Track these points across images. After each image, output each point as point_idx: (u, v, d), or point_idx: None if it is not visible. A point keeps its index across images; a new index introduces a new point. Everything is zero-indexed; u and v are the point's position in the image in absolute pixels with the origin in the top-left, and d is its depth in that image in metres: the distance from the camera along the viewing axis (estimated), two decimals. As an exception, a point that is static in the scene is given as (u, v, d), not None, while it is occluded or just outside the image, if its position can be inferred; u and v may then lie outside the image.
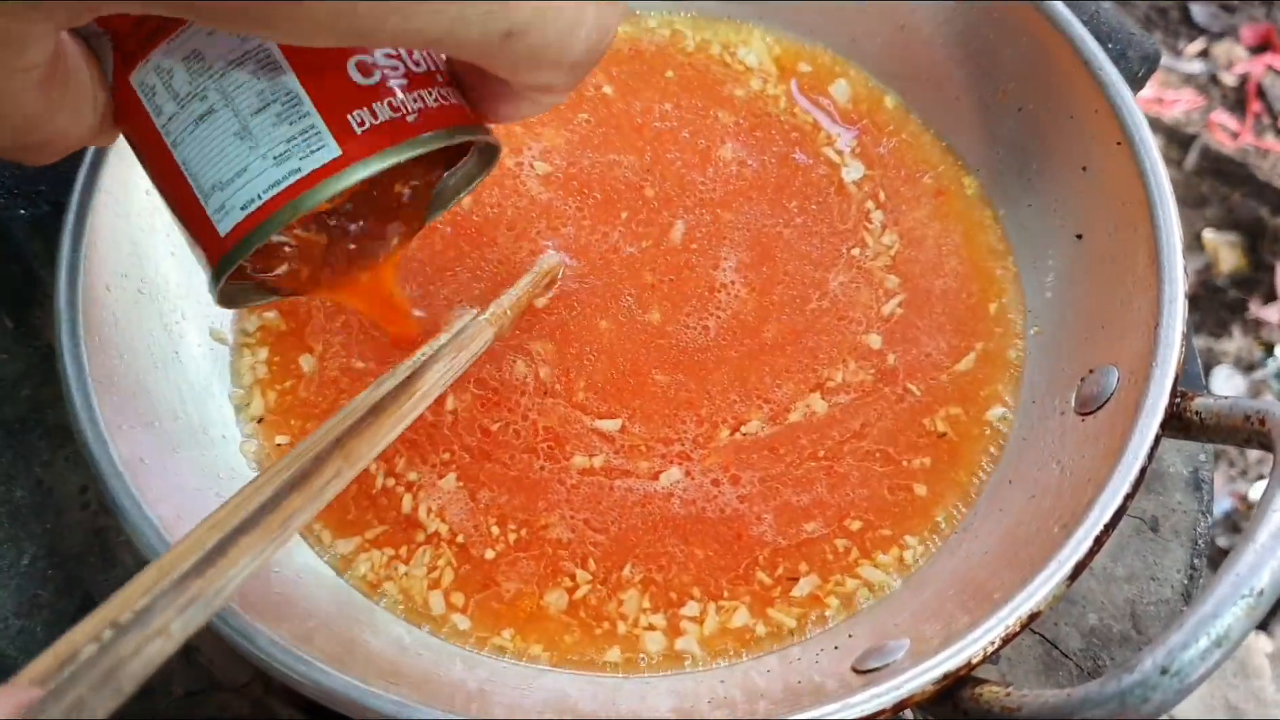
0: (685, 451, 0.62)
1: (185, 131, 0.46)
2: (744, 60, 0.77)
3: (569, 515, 0.60)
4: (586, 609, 0.59)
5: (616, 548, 0.60)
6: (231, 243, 0.46)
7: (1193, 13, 1.86)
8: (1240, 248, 1.64)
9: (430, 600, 0.59)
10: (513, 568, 0.59)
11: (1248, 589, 0.42)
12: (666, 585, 0.59)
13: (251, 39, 0.45)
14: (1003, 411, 0.64)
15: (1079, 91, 0.64)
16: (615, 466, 0.62)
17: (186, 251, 0.61)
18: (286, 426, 0.64)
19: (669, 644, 0.58)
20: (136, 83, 0.45)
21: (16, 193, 0.70)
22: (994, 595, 0.50)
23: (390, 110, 0.48)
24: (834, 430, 0.63)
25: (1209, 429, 0.53)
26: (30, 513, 0.67)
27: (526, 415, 0.63)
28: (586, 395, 0.64)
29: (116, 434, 0.54)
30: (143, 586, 0.38)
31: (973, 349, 0.66)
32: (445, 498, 0.61)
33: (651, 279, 0.67)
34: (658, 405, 0.63)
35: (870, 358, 0.66)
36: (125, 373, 0.58)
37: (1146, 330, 0.56)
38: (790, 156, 0.73)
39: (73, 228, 0.59)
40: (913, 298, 0.68)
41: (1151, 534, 0.69)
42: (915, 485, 0.62)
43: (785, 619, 0.58)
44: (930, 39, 0.72)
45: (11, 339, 0.73)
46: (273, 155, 0.46)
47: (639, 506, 0.61)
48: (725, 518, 0.60)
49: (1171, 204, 0.59)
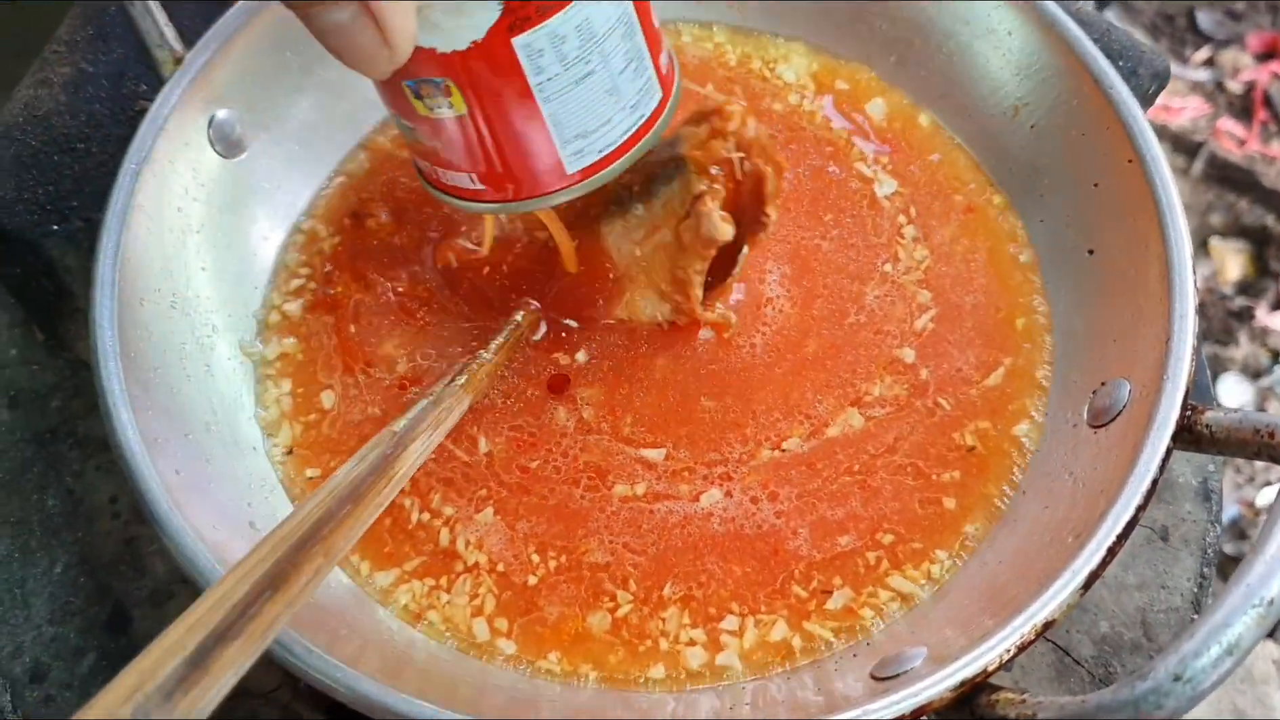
0: (727, 472, 0.63)
1: (563, 90, 0.52)
2: (782, 75, 0.78)
3: (609, 540, 0.61)
4: (629, 628, 0.59)
5: (656, 567, 0.60)
6: (581, 178, 0.56)
7: (1199, 20, 1.86)
8: (1247, 255, 1.65)
9: (474, 627, 0.59)
10: (554, 592, 0.60)
11: (1258, 599, 0.43)
12: (706, 601, 0.59)
13: (625, 2, 0.52)
14: (1028, 427, 0.64)
15: (1090, 109, 0.66)
16: (657, 491, 0.62)
17: (217, 265, 0.65)
18: (317, 461, 0.64)
19: (710, 658, 0.58)
20: (521, 44, 0.50)
21: (50, 208, 0.71)
22: (1009, 604, 0.51)
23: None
24: (869, 444, 0.64)
25: (1219, 441, 0.54)
26: (62, 522, 0.69)
27: (568, 453, 0.64)
28: (634, 430, 0.64)
29: (152, 447, 0.55)
30: (122, 695, 0.37)
31: (1001, 364, 0.66)
32: (483, 530, 0.61)
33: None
34: (704, 430, 0.64)
35: (904, 372, 0.66)
36: (159, 386, 0.60)
37: (1158, 344, 0.57)
38: (825, 170, 0.74)
39: (107, 243, 0.61)
40: (944, 312, 0.68)
41: (1162, 543, 0.70)
42: (945, 499, 0.62)
43: (822, 632, 0.59)
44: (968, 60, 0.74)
45: (43, 351, 0.74)
46: (629, 105, 0.55)
47: (679, 528, 0.61)
48: (763, 534, 0.61)
49: (1182, 221, 0.60)
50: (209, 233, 0.67)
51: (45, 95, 0.74)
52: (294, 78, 0.71)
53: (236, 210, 0.69)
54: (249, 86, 0.69)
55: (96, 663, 0.64)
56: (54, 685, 0.64)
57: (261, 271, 0.70)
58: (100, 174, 0.72)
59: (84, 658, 0.64)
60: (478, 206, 0.58)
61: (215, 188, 0.68)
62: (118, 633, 0.65)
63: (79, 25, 0.76)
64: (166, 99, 0.65)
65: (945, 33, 0.73)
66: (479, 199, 0.58)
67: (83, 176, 0.72)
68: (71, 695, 0.63)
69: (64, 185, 0.72)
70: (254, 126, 0.70)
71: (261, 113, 0.70)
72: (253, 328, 0.68)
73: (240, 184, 0.69)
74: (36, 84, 0.75)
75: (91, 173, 0.73)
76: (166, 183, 0.65)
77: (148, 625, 0.65)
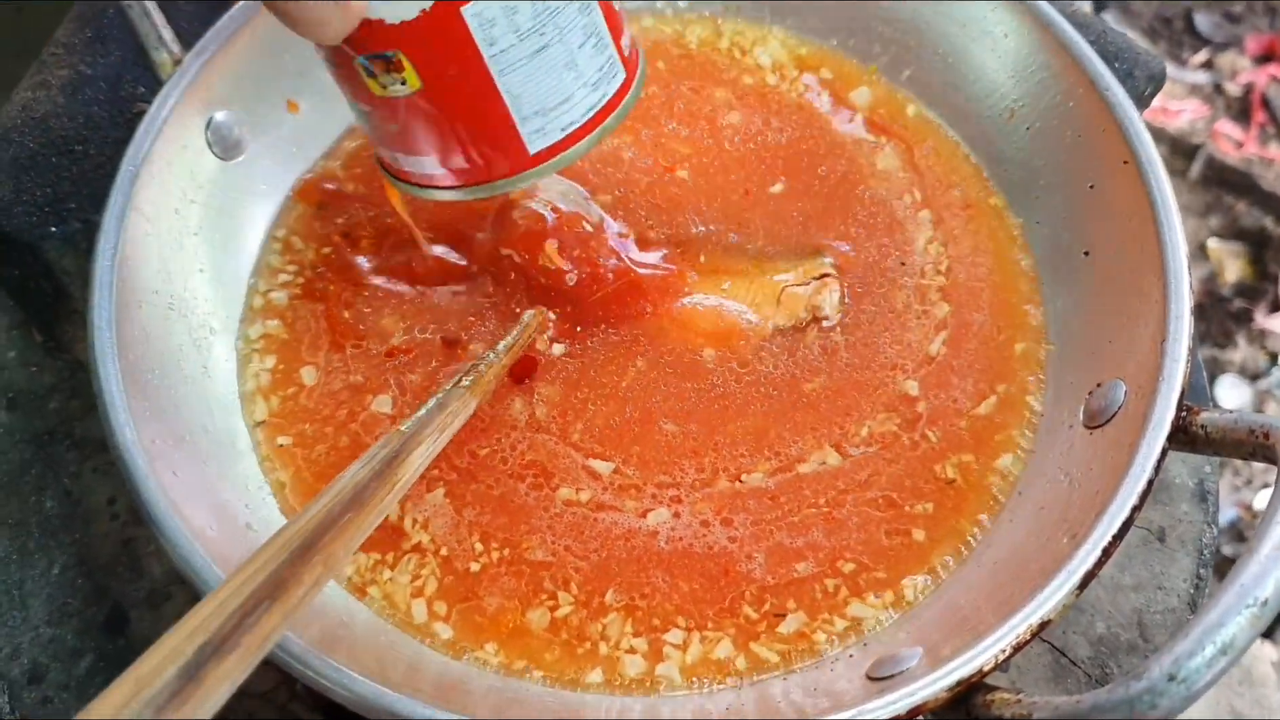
0: (678, 495, 0.62)
1: (519, 63, 0.51)
2: (759, 60, 0.79)
3: (550, 540, 0.61)
4: (568, 629, 0.59)
5: (598, 574, 0.60)
6: (545, 158, 0.55)
7: (1197, 23, 1.87)
8: (1245, 257, 1.65)
9: (413, 608, 0.59)
10: (495, 583, 0.59)
11: (1252, 599, 0.43)
12: (650, 612, 0.59)
13: None
14: (1011, 460, 0.63)
15: (1086, 111, 0.66)
16: (602, 502, 0.62)
17: (215, 267, 0.64)
18: (290, 430, 0.65)
19: (649, 668, 0.57)
20: (472, 14, 0.49)
21: (48, 210, 0.71)
22: (1005, 604, 0.51)
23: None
24: (840, 480, 0.63)
25: (1214, 442, 0.54)
26: (60, 523, 0.69)
27: (515, 447, 0.63)
28: (582, 438, 0.64)
29: (149, 448, 0.55)
30: (117, 703, 0.36)
31: (995, 393, 0.65)
32: (431, 510, 0.62)
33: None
34: (657, 452, 0.63)
35: (902, 407, 0.65)
36: (157, 388, 0.60)
37: (1153, 345, 0.57)
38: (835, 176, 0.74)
39: (105, 246, 0.61)
40: (955, 333, 0.67)
41: (1158, 544, 0.70)
42: (914, 530, 0.61)
43: (768, 654, 0.58)
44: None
45: (41, 353, 0.74)
46: (590, 83, 0.54)
47: (623, 540, 0.61)
48: (713, 554, 0.60)
49: (1178, 222, 0.60)
50: (207, 235, 0.67)
51: (43, 97, 0.74)
52: (291, 80, 0.72)
53: (234, 213, 0.69)
54: (247, 89, 0.70)
55: (94, 664, 0.64)
56: (51, 686, 0.64)
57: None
58: (98, 176, 0.72)
59: (81, 659, 0.64)
60: (440, 194, 0.57)
61: (213, 190, 0.68)
62: (115, 634, 0.65)
63: (77, 27, 0.76)
64: (164, 101, 0.65)
65: (941, 34, 0.74)
66: (440, 185, 0.57)
67: (81, 179, 0.73)
68: (69, 696, 0.63)
69: (62, 187, 0.72)
70: (252, 129, 0.70)
71: (260, 115, 0.70)
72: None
73: (238, 186, 0.69)
74: (35, 86, 0.75)
75: (89, 175, 0.73)
76: (164, 185, 0.65)
77: (145, 626, 0.66)
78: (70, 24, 0.76)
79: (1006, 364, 0.66)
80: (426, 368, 0.66)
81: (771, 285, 0.68)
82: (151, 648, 0.37)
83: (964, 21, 0.73)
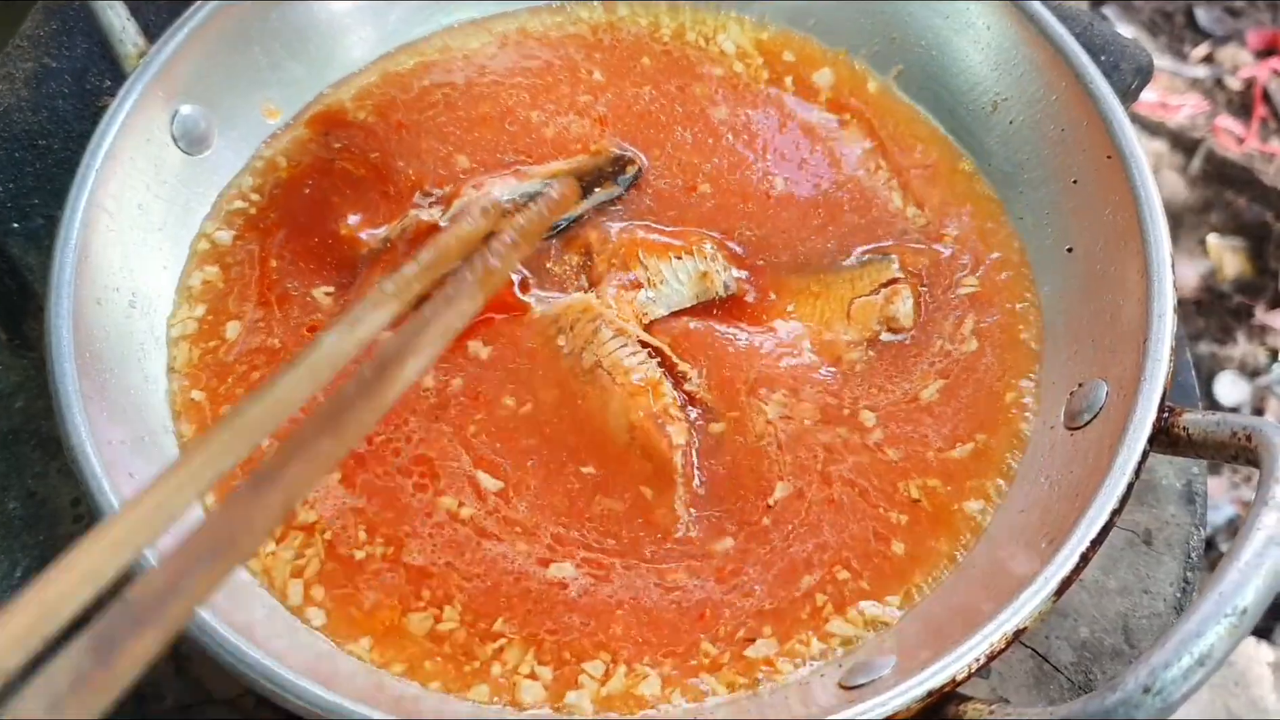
0: (588, 556, 0.58)
1: None
2: (722, 46, 0.77)
3: (430, 551, 0.58)
4: (453, 644, 0.56)
5: (487, 601, 0.57)
6: None
7: (1198, 17, 1.85)
8: (1245, 253, 1.64)
9: (290, 588, 0.57)
10: (376, 578, 0.57)
11: (1231, 608, 0.42)
12: (561, 646, 0.56)
13: None
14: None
15: (1069, 104, 0.65)
16: (485, 529, 0.59)
17: (179, 264, 0.63)
18: (202, 384, 0.63)
19: (551, 696, 0.55)
20: None
21: (10, 206, 0.70)
22: (980, 611, 0.50)
23: None
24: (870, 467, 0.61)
25: (1196, 445, 0.53)
26: (23, 525, 0.68)
27: (410, 437, 0.61)
28: (478, 434, 0.61)
29: (105, 448, 0.54)
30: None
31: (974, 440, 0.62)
32: (322, 490, 0.59)
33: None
34: (553, 496, 0.60)
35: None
36: (117, 387, 0.59)
37: (1135, 345, 0.56)
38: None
39: (65, 241, 0.60)
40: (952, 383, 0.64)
41: (1145, 547, 0.69)
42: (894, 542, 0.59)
43: (718, 686, 0.55)
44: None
45: (6, 351, 0.73)
46: None
47: (516, 580, 0.58)
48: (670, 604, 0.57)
49: (1162, 219, 0.59)
50: (171, 230, 0.66)
51: (6, 91, 0.73)
52: (260, 73, 0.70)
53: (200, 209, 0.68)
54: (214, 82, 0.68)
55: (56, 669, 0.63)
56: (13, 690, 0.63)
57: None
58: (62, 171, 0.71)
59: (43, 663, 0.63)
60: None
61: (178, 185, 0.67)
62: (78, 638, 0.64)
63: (42, 20, 0.75)
64: (127, 94, 0.64)
65: (924, 26, 0.72)
66: None
67: (44, 174, 0.72)
68: (31, 702, 0.62)
69: (25, 182, 0.71)
70: (220, 123, 0.69)
71: (227, 109, 0.69)
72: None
73: (203, 181, 0.68)
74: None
75: (53, 170, 0.72)
76: (127, 179, 0.64)
77: (109, 630, 0.64)
78: (35, 17, 0.75)
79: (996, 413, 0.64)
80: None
81: (838, 300, 0.65)
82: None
83: (947, 13, 0.71)
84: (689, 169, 0.71)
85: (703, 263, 0.65)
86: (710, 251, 0.66)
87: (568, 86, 0.74)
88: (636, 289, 0.64)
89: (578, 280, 0.66)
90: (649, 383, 0.61)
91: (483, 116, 0.73)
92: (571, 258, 0.66)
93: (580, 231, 0.67)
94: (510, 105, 0.73)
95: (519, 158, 0.71)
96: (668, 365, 0.62)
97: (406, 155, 0.70)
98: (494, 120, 0.73)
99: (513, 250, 0.50)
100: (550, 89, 0.74)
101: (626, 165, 0.69)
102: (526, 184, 0.68)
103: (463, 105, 0.73)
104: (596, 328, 0.62)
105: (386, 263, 0.66)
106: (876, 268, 0.66)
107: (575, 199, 0.63)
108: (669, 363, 0.63)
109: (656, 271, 0.64)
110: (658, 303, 0.65)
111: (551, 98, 0.74)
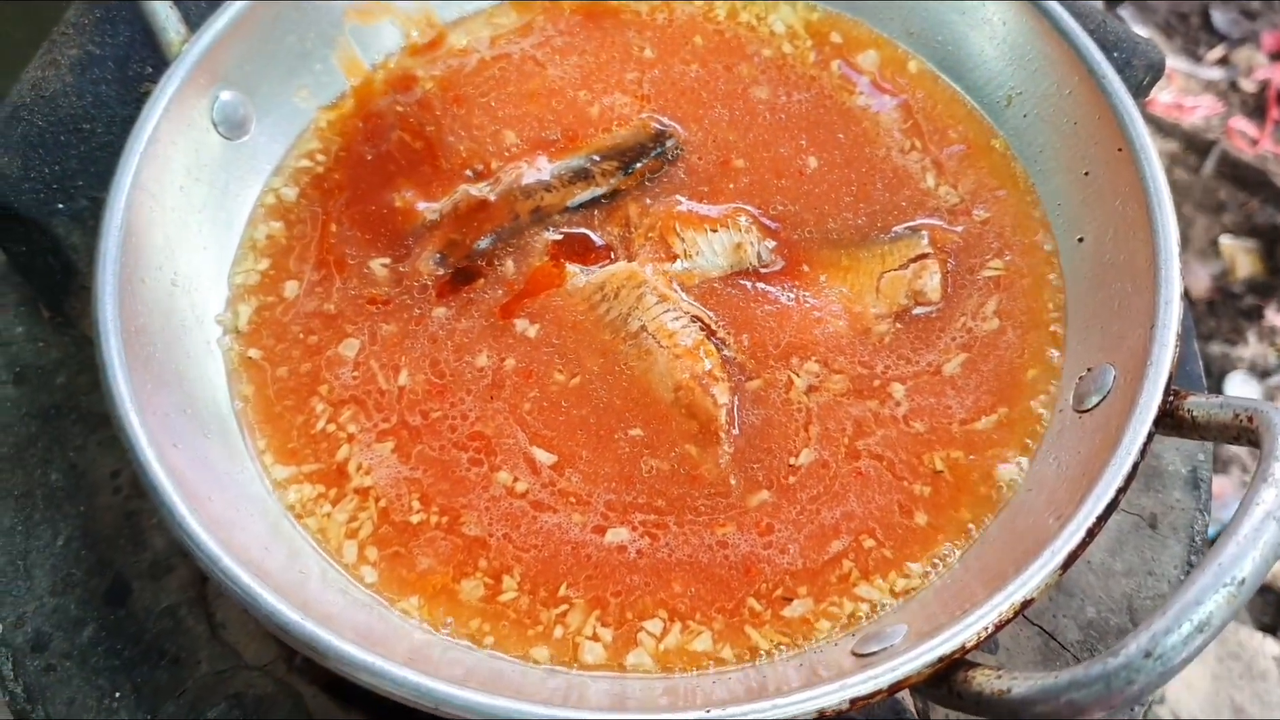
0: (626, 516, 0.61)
1: None
2: (773, 26, 0.79)
3: (488, 524, 0.61)
4: (517, 610, 0.58)
5: (545, 570, 0.59)
6: None
7: (1214, 19, 1.86)
8: (1257, 254, 1.65)
9: (345, 547, 0.60)
10: (430, 545, 0.60)
11: (1229, 578, 0.44)
12: (624, 607, 0.59)
13: None
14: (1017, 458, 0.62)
15: (1082, 98, 0.66)
16: (541, 501, 0.61)
17: (219, 245, 0.65)
18: (260, 343, 0.66)
19: (610, 654, 0.57)
20: None
21: (55, 188, 0.72)
22: (989, 583, 0.52)
23: None
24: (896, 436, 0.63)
25: (1200, 426, 0.54)
26: (64, 496, 0.70)
27: (466, 415, 0.64)
28: (531, 413, 0.64)
29: (150, 420, 0.56)
30: None
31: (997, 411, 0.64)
32: (376, 459, 0.62)
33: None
34: (604, 463, 0.62)
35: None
36: (160, 361, 0.61)
37: (1143, 331, 0.58)
38: None
39: (110, 222, 0.62)
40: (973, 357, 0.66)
41: (1150, 530, 0.70)
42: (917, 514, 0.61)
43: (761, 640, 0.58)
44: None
45: (49, 328, 0.75)
46: None
47: (572, 549, 0.60)
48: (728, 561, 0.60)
49: (1170, 209, 0.60)
50: (211, 213, 0.68)
51: (52, 76, 0.75)
52: (297, 61, 0.73)
53: (239, 192, 0.70)
54: (252, 69, 0.71)
55: (96, 633, 0.65)
56: (54, 655, 0.65)
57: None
58: (106, 154, 0.73)
59: (84, 628, 0.66)
60: None
61: (217, 169, 0.69)
62: (117, 604, 0.66)
63: (86, 8, 0.77)
64: (169, 80, 0.66)
65: (940, 22, 0.74)
66: None
67: (89, 156, 0.74)
68: (71, 665, 0.64)
69: (70, 165, 0.73)
70: (258, 108, 0.71)
71: (265, 95, 0.71)
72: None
73: (242, 166, 0.70)
74: (44, 65, 0.76)
75: (97, 153, 0.74)
76: (169, 163, 0.66)
77: (147, 597, 0.67)
78: (80, 4, 0.77)
79: (1016, 388, 0.66)
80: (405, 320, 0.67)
81: (868, 273, 0.67)
82: None
83: (964, 10, 0.73)
84: (726, 145, 0.73)
85: (737, 235, 0.67)
86: (745, 224, 0.68)
87: (618, 65, 0.77)
88: (673, 260, 0.67)
89: (620, 251, 0.69)
90: (696, 344, 0.64)
91: (532, 92, 0.75)
92: (612, 229, 0.69)
93: (620, 204, 0.69)
94: (559, 84, 0.76)
95: (563, 135, 0.74)
96: (707, 330, 0.65)
97: (458, 130, 0.74)
98: (542, 96, 0.75)
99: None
100: (601, 68, 0.77)
101: (665, 140, 0.72)
102: (571, 160, 0.71)
103: (515, 81, 0.76)
104: (641, 294, 0.65)
105: (438, 238, 0.68)
106: (906, 243, 0.68)
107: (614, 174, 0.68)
108: (708, 328, 0.65)
109: (693, 243, 0.67)
110: (694, 273, 0.67)
111: (600, 76, 0.76)
